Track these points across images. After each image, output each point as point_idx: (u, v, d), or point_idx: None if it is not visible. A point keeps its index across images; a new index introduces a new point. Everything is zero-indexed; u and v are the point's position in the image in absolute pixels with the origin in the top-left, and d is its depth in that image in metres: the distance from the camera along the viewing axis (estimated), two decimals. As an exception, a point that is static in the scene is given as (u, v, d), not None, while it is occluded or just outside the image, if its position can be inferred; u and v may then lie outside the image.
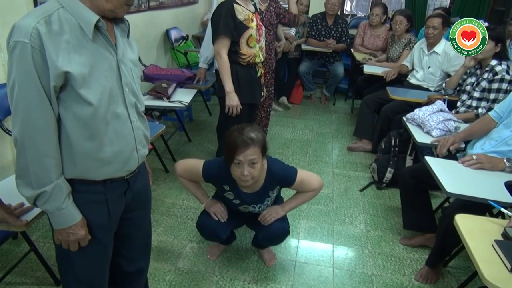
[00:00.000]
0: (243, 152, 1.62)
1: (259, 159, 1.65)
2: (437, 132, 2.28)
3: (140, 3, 3.61)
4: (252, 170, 1.65)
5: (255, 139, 1.64)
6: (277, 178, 1.82)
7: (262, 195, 1.86)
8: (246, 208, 1.90)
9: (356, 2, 5.94)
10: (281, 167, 1.85)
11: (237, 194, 1.85)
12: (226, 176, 1.77)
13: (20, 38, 0.96)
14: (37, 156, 1.04)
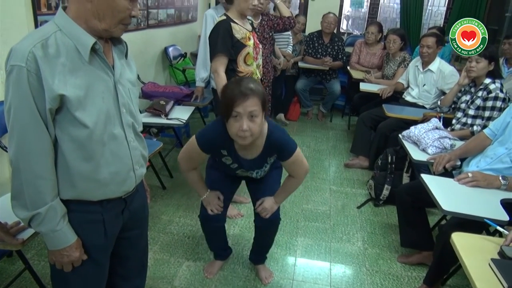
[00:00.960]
0: (242, 103, 1.46)
1: (259, 112, 1.50)
2: (433, 149, 2.29)
3: (139, 21, 3.66)
4: (251, 125, 1.49)
5: (254, 90, 1.49)
6: (276, 146, 1.69)
7: (261, 162, 1.76)
8: (244, 172, 1.83)
9: (352, 20, 6.04)
10: (282, 135, 1.69)
11: (235, 159, 1.73)
12: (223, 139, 1.64)
13: (16, 62, 0.98)
14: (32, 178, 1.05)
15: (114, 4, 1.03)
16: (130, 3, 1.06)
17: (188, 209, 2.79)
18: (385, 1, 5.79)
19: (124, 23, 1.09)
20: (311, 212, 2.85)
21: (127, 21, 1.10)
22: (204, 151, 1.69)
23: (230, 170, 1.83)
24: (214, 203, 1.91)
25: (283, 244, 2.46)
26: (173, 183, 3.15)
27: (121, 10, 1.05)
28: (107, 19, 1.05)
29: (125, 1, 1.05)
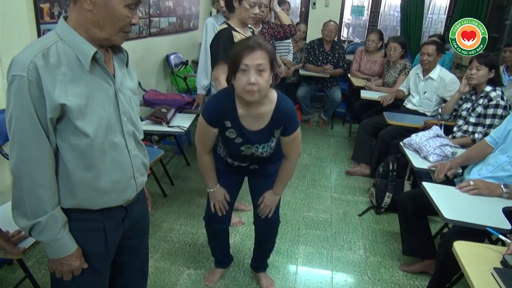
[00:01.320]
0: (250, 55, 1.46)
1: (267, 67, 1.49)
2: (434, 157, 2.29)
3: (141, 30, 3.69)
4: (259, 79, 1.47)
5: (262, 44, 1.49)
6: (284, 115, 1.64)
7: (267, 134, 1.69)
8: (248, 148, 1.71)
9: (353, 28, 6.07)
10: (291, 105, 1.67)
11: (239, 132, 1.66)
12: (226, 107, 1.62)
13: (17, 72, 0.99)
14: (32, 187, 1.05)
15: (114, 13, 1.04)
16: (130, 11, 1.06)
17: (189, 216, 2.79)
18: (385, 9, 5.82)
19: (124, 31, 1.10)
20: (312, 220, 2.84)
21: (127, 29, 1.10)
22: (209, 123, 1.66)
23: (234, 148, 1.73)
24: (220, 199, 1.87)
25: (284, 252, 2.45)
26: (174, 191, 3.15)
27: (120, 18, 1.05)
28: (107, 28, 1.06)
29: (125, 9, 1.05)
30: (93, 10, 1.04)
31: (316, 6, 5.71)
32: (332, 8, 5.67)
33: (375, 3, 5.76)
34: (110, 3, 1.03)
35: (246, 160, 1.83)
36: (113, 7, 1.03)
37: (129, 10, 1.06)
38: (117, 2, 1.03)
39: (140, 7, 3.62)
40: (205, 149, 1.79)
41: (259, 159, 1.81)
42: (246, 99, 1.54)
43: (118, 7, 1.03)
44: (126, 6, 1.04)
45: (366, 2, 5.83)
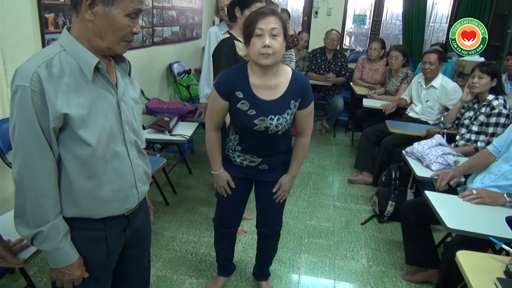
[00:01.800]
0: (264, 19, 1.52)
1: (281, 33, 1.55)
2: (437, 166, 2.29)
3: (144, 39, 3.72)
4: (273, 42, 1.52)
5: (275, 11, 1.57)
6: (301, 85, 1.67)
7: (283, 105, 1.65)
8: (263, 121, 1.64)
9: (355, 37, 6.10)
10: (306, 79, 1.73)
11: (252, 102, 1.63)
12: (239, 79, 1.63)
13: (21, 82, 1.00)
14: (34, 196, 1.06)
15: (115, 22, 1.05)
16: (131, 20, 1.07)
17: (191, 225, 2.78)
18: (387, 18, 5.85)
19: (126, 40, 1.10)
20: (315, 229, 2.83)
21: (129, 38, 1.10)
22: (220, 94, 1.65)
23: (248, 123, 1.65)
24: (222, 184, 1.84)
25: (286, 261, 2.44)
26: (176, 199, 3.15)
27: (121, 28, 1.06)
28: (109, 37, 1.07)
29: (125, 18, 1.05)
30: (94, 20, 1.04)
31: (318, 15, 5.75)
32: (334, 17, 5.71)
33: (377, 12, 5.79)
34: (110, 13, 1.03)
35: (258, 149, 1.75)
36: (114, 16, 1.04)
37: (130, 19, 1.06)
38: (118, 12, 1.04)
39: (144, 17, 3.66)
40: (213, 125, 1.77)
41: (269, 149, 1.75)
42: (260, 63, 1.56)
43: (118, 16, 1.04)
44: (126, 15, 1.05)
45: (368, 11, 5.86)
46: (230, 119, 1.78)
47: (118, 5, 1.03)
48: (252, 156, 1.77)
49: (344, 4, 5.72)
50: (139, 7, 1.07)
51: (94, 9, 1.03)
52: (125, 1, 1.03)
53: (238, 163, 1.81)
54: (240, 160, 1.80)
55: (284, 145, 1.80)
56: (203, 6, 5.28)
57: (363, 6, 5.88)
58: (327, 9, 5.71)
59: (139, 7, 1.07)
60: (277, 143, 1.75)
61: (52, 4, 2.39)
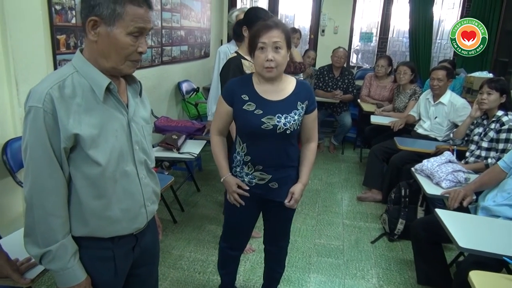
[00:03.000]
0: (267, 34, 1.56)
1: (283, 45, 1.59)
2: (447, 183, 2.26)
3: (153, 58, 3.78)
4: (276, 55, 1.57)
5: (278, 23, 1.60)
6: (307, 90, 1.72)
7: (290, 105, 1.67)
8: (270, 120, 1.63)
9: (362, 54, 6.13)
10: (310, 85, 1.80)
11: (258, 102, 1.65)
12: (244, 84, 1.69)
13: (34, 103, 1.02)
14: (44, 215, 1.06)
15: (117, 42, 1.06)
16: (134, 39, 1.07)
17: (199, 243, 2.77)
18: (393, 35, 5.89)
19: (131, 59, 1.10)
20: (324, 247, 2.80)
21: (134, 57, 1.10)
22: (225, 99, 1.70)
23: (255, 123, 1.64)
24: (232, 189, 1.78)
25: (295, 281, 2.40)
26: (184, 217, 3.14)
27: (124, 47, 1.07)
28: (113, 57, 1.08)
29: (127, 37, 1.06)
30: (98, 40, 1.06)
31: (325, 33, 5.81)
32: (341, 34, 5.77)
33: (383, 30, 5.83)
34: (112, 33, 1.05)
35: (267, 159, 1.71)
36: (115, 36, 1.05)
37: (132, 38, 1.06)
38: (119, 31, 1.05)
39: (153, 37, 3.73)
40: (216, 130, 1.80)
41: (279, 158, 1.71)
42: (264, 76, 1.63)
43: (120, 36, 1.05)
44: (128, 34, 1.05)
45: (374, 28, 5.91)
46: (237, 127, 1.77)
47: (119, 25, 1.04)
48: (261, 173, 1.73)
49: (350, 22, 5.78)
50: (141, 25, 1.06)
51: (97, 30, 1.05)
52: (125, 20, 1.04)
53: (247, 182, 1.77)
54: (248, 178, 1.76)
55: (293, 153, 1.76)
56: (211, 25, 5.37)
57: (370, 24, 5.94)
58: (334, 27, 5.77)
59: (141, 26, 1.06)
60: (287, 150, 1.72)
61: (64, 26, 2.46)
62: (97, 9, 1.04)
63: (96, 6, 1.04)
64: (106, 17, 1.03)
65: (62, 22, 2.43)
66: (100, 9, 1.03)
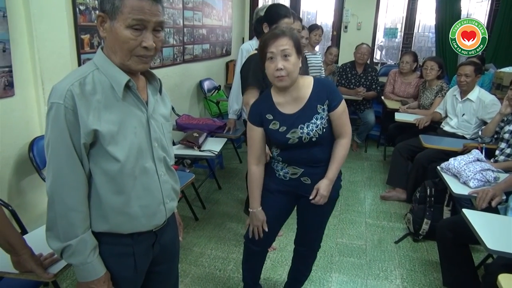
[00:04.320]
0: (274, 43, 1.55)
1: (292, 52, 1.56)
2: (475, 182, 2.17)
3: (175, 57, 3.81)
4: (286, 64, 1.55)
5: (285, 31, 1.58)
6: (325, 87, 1.68)
7: (309, 111, 1.66)
8: (294, 133, 1.66)
9: (386, 50, 6.00)
10: (329, 81, 1.75)
11: (281, 119, 1.68)
12: (266, 103, 1.70)
13: (55, 100, 1.03)
14: (64, 210, 1.08)
15: (117, 36, 1.05)
16: (134, 32, 1.05)
17: (220, 241, 2.77)
18: (419, 31, 5.73)
19: (136, 54, 1.08)
20: (346, 247, 2.75)
21: (139, 52, 1.07)
22: (253, 122, 1.73)
23: (282, 139, 1.69)
24: (257, 223, 1.81)
25: (316, 280, 2.37)
26: (205, 215, 3.15)
27: (124, 41, 1.05)
28: (118, 52, 1.08)
29: (127, 31, 1.04)
30: (107, 36, 1.08)
31: (347, 29, 5.71)
32: (364, 31, 5.66)
33: (408, 25, 5.69)
34: (113, 27, 1.05)
35: (298, 159, 1.73)
36: (116, 30, 1.04)
37: (132, 31, 1.04)
38: (119, 25, 1.04)
39: (175, 35, 3.76)
40: (253, 158, 1.78)
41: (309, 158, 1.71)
42: (277, 85, 1.64)
43: (119, 29, 1.04)
44: (127, 27, 1.04)
45: (399, 24, 5.77)
46: (268, 139, 1.80)
47: (119, 18, 1.03)
48: (294, 167, 1.75)
49: (374, 17, 5.66)
50: (139, 17, 1.03)
51: (105, 25, 1.06)
52: (124, 13, 1.03)
53: (282, 176, 1.79)
54: (283, 173, 1.78)
55: (324, 153, 1.74)
56: (233, 23, 5.37)
57: (394, 19, 5.80)
58: (357, 23, 5.66)
59: (139, 17, 1.04)
60: (316, 151, 1.71)
61: (88, 26, 2.50)
62: (103, 5, 1.05)
63: (102, 2, 1.06)
64: (109, 12, 1.04)
65: (86, 22, 2.48)
66: (104, 4, 1.05)
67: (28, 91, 2.12)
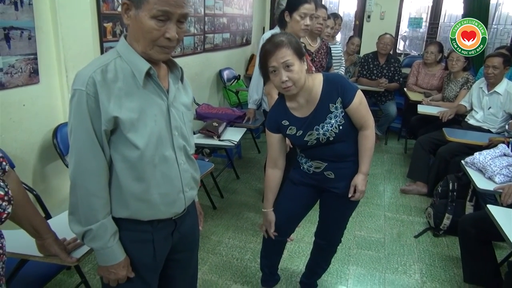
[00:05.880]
0: (274, 55, 1.53)
1: (294, 60, 1.54)
2: (501, 178, 2.11)
3: (196, 46, 3.81)
4: (290, 74, 1.54)
5: (284, 41, 1.54)
6: (335, 84, 1.64)
7: (321, 112, 1.65)
8: (311, 135, 1.67)
9: (409, 41, 5.86)
10: (337, 76, 1.73)
11: (296, 124, 1.69)
12: (281, 109, 1.72)
13: (78, 86, 1.05)
14: (86, 195, 1.10)
15: (142, 25, 1.05)
16: (158, 23, 1.04)
17: (237, 230, 2.79)
18: (445, 20, 5.56)
19: (159, 45, 1.08)
20: (364, 240, 2.73)
21: (162, 43, 1.07)
22: (270, 129, 1.76)
23: (301, 142, 1.71)
24: (267, 224, 1.86)
25: (333, 272, 2.36)
26: (223, 204, 3.17)
27: (148, 31, 1.05)
28: (141, 41, 1.08)
29: (151, 21, 1.04)
30: (130, 24, 1.08)
31: (370, 19, 5.59)
32: (388, 20, 5.52)
33: (434, 15, 5.52)
34: (138, 16, 1.05)
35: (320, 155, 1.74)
36: (141, 19, 1.04)
37: (157, 22, 1.04)
38: (144, 14, 1.04)
39: (196, 24, 3.75)
40: (271, 161, 1.82)
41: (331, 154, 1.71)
42: (286, 94, 1.65)
43: (144, 19, 1.04)
44: (152, 17, 1.03)
45: (424, 13, 5.61)
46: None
47: (144, 7, 1.03)
48: (317, 161, 1.76)
49: (398, 7, 5.52)
50: (165, 8, 1.03)
51: (129, 13, 1.06)
52: (150, 2, 1.02)
53: (306, 169, 1.80)
54: (307, 166, 1.80)
55: (346, 147, 1.72)
56: (254, 12, 5.32)
57: (419, 9, 5.64)
58: (380, 13, 5.53)
59: (165, 9, 1.03)
60: (338, 146, 1.71)
61: (111, 14, 2.52)
62: None
63: None
64: (134, 0, 1.04)
65: (108, 10, 2.49)
66: None
67: (52, 79, 2.15)
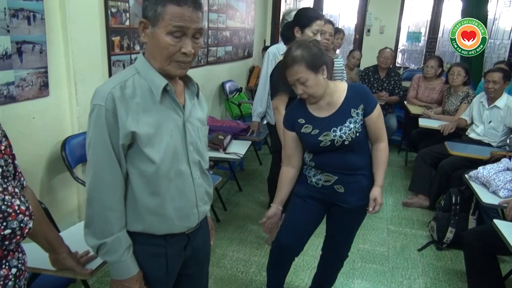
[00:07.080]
0: (288, 73, 1.63)
1: (307, 75, 1.60)
2: (505, 192, 2.14)
3: (199, 59, 3.85)
4: (305, 88, 1.63)
5: (296, 58, 1.59)
6: (359, 93, 1.70)
7: (342, 115, 1.68)
8: (327, 136, 1.67)
9: (408, 54, 5.94)
10: (363, 86, 1.81)
11: (313, 122, 1.72)
12: (300, 108, 1.76)
13: (97, 101, 1.07)
14: (102, 208, 1.11)
15: (159, 42, 1.08)
16: (174, 39, 1.07)
17: (241, 243, 2.79)
18: (443, 35, 5.65)
19: (176, 60, 1.10)
20: (368, 253, 2.74)
21: (178, 58, 1.10)
22: (286, 127, 1.81)
23: (314, 143, 1.71)
24: (271, 220, 1.85)
25: (339, 286, 2.36)
26: (226, 216, 3.17)
27: (164, 47, 1.08)
28: (158, 57, 1.11)
29: (167, 37, 1.06)
30: (148, 42, 1.11)
31: (370, 33, 5.68)
32: (387, 34, 5.61)
33: (432, 29, 5.61)
34: (155, 33, 1.08)
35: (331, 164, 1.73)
36: (157, 36, 1.07)
37: (172, 38, 1.07)
38: (160, 31, 1.07)
39: (200, 38, 3.79)
40: (284, 157, 1.86)
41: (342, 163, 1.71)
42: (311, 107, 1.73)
43: (161, 35, 1.07)
44: (168, 33, 1.06)
45: (423, 28, 5.70)
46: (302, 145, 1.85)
47: (160, 24, 1.06)
48: (327, 174, 1.75)
49: (397, 21, 5.61)
50: (179, 24, 1.06)
51: (146, 31, 1.10)
52: (165, 19, 1.05)
53: (314, 183, 1.80)
54: (316, 179, 1.79)
55: (358, 160, 1.73)
56: (255, 26, 5.39)
57: (418, 23, 5.73)
58: (380, 27, 5.62)
59: (180, 24, 1.06)
60: (349, 157, 1.72)
61: (119, 28, 2.55)
62: (145, 12, 1.09)
63: (145, 9, 1.09)
64: (151, 18, 1.07)
65: (117, 24, 2.53)
66: (146, 11, 1.08)
67: (61, 92, 2.17)
